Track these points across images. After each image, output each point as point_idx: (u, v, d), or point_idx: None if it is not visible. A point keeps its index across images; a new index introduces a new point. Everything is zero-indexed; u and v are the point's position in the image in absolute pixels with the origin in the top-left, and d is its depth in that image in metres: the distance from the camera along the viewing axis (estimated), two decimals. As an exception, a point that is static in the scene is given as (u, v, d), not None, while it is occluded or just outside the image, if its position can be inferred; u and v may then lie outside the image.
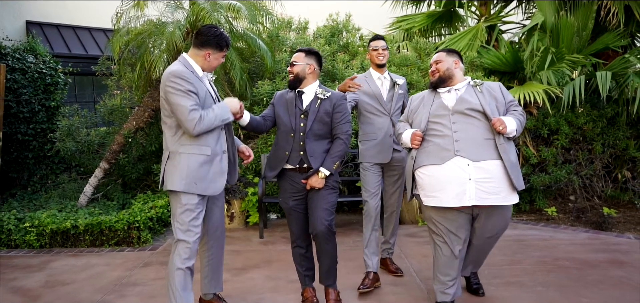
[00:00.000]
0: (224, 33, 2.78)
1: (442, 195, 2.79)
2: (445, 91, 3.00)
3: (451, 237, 2.93)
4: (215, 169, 2.73)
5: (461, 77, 3.04)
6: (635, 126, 5.62)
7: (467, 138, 2.81)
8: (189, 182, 2.64)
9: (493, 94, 2.98)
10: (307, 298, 3.12)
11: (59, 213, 4.89)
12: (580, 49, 5.81)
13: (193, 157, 2.65)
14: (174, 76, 2.58)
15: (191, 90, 2.58)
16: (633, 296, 3.27)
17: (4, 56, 6.11)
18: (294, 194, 3.03)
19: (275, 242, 4.79)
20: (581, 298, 3.24)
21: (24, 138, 6.19)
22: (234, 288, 3.58)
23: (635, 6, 5.59)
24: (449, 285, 2.97)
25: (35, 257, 4.41)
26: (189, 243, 2.67)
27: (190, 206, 2.66)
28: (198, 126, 2.57)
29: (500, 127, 2.76)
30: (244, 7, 5.38)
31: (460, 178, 2.75)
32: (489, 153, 2.78)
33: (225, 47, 2.80)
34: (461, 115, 2.88)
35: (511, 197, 2.80)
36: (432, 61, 3.10)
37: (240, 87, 5.53)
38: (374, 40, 3.65)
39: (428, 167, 2.86)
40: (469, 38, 6.31)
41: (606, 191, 5.71)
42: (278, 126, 3.09)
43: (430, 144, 2.91)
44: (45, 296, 3.49)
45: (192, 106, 2.56)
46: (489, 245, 3.13)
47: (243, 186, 5.43)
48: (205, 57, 2.73)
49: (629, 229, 5.01)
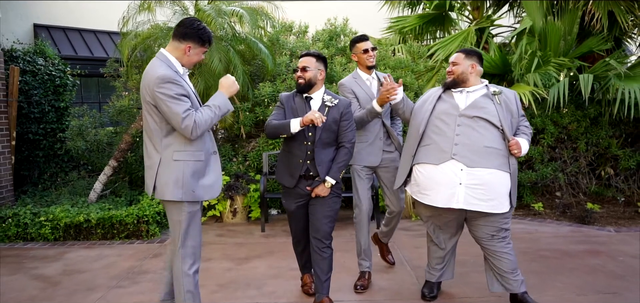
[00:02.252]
0: (207, 28, 2.64)
1: (433, 195, 2.91)
2: (458, 91, 3.03)
3: (438, 232, 3.17)
4: (212, 173, 2.65)
5: (476, 81, 3.04)
6: (617, 126, 5.91)
7: (467, 143, 2.85)
8: (186, 191, 2.54)
9: (510, 108, 2.98)
10: (307, 283, 3.40)
11: (71, 208, 5.18)
12: (566, 53, 6.09)
13: (188, 164, 2.55)
14: (162, 81, 2.45)
15: (182, 93, 2.49)
16: (604, 281, 3.57)
17: (15, 59, 6.37)
18: (297, 199, 3.05)
19: (276, 235, 5.07)
20: (557, 283, 3.54)
21: (34, 137, 6.46)
22: (238, 276, 3.86)
23: (618, 12, 5.87)
24: (436, 269, 3.27)
25: (51, 249, 4.69)
26: (192, 249, 2.62)
27: (192, 212, 2.60)
28: (195, 131, 2.48)
29: (516, 151, 2.86)
30: (246, 13, 5.68)
31: (451, 181, 2.84)
32: (485, 161, 2.81)
33: (207, 43, 2.63)
34: (468, 119, 2.91)
35: (500, 206, 2.84)
36: (450, 60, 3.10)
37: (243, 89, 5.81)
38: (360, 41, 3.50)
39: (424, 165, 2.96)
40: (459, 41, 6.59)
41: (590, 188, 6.01)
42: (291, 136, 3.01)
43: (431, 142, 2.97)
44: (64, 282, 3.78)
45: (185, 112, 2.45)
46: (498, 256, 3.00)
47: (245, 183, 5.71)
48: (186, 51, 2.58)
49: (610, 223, 5.31)
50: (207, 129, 2.56)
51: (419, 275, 3.73)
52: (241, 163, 6.09)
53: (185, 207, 2.56)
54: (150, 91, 2.48)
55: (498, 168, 2.82)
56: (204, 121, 2.51)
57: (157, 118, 2.52)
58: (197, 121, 2.48)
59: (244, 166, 6.05)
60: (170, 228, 2.66)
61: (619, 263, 3.93)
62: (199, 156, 2.57)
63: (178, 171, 2.53)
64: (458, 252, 3.55)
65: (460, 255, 4.28)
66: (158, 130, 2.53)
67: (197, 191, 2.57)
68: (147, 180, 2.64)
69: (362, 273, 3.58)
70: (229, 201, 5.61)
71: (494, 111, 2.91)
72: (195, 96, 2.65)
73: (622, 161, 5.80)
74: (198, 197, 2.58)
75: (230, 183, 5.62)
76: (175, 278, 2.64)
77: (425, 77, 6.44)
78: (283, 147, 3.12)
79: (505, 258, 2.99)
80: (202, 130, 2.51)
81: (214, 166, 2.68)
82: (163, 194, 2.56)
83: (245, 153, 6.13)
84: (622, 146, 5.93)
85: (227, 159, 6.14)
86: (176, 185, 2.52)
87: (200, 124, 2.49)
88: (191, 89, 2.63)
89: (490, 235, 2.99)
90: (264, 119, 6.09)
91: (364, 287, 3.50)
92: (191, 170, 2.55)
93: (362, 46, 3.46)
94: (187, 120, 2.45)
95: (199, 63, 5.61)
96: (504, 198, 2.85)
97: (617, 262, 3.96)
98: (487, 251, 3.06)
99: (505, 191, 2.86)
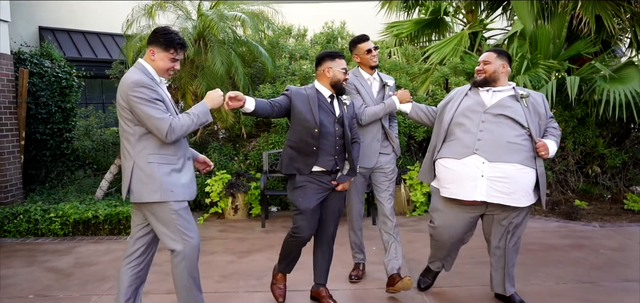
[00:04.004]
0: (173, 33, 2.65)
1: (454, 188, 2.93)
2: (484, 90, 3.04)
3: (450, 229, 3.08)
4: (186, 176, 2.66)
5: (505, 81, 3.06)
6: (604, 126, 6.15)
7: (489, 138, 2.87)
8: (164, 191, 2.55)
9: (538, 110, 3.00)
10: (280, 280, 3.31)
11: (80, 204, 5.40)
12: (555, 55, 6.32)
13: (162, 167, 2.57)
14: (137, 85, 2.49)
15: (156, 98, 2.52)
16: (584, 271, 3.81)
17: (23, 61, 6.59)
18: (319, 195, 3.07)
19: (275, 231, 5.30)
20: (540, 273, 3.77)
21: (42, 137, 6.68)
22: (239, 267, 4.09)
23: (605, 16, 6.10)
24: (439, 259, 3.33)
25: (61, 244, 4.92)
26: (187, 250, 2.61)
27: (180, 208, 2.59)
28: (170, 134, 2.51)
29: (543, 152, 2.88)
30: (247, 17, 5.90)
31: (473, 173, 2.85)
32: (507, 156, 2.82)
33: (172, 48, 2.61)
34: (493, 116, 2.93)
35: (524, 201, 2.87)
36: (481, 59, 3.09)
37: (244, 90, 6.04)
38: (362, 41, 3.46)
39: (447, 159, 2.98)
40: (454, 44, 6.83)
41: (579, 186, 6.24)
42: (298, 122, 3.03)
43: (454, 138, 3.00)
44: (76, 274, 4.00)
45: (160, 114, 2.50)
46: (511, 252, 3.11)
47: (246, 181, 5.93)
48: (150, 55, 2.62)
49: (596, 219, 5.54)
50: (183, 135, 2.59)
51: (412, 267, 3.96)
52: (242, 162, 6.32)
53: (171, 205, 2.56)
54: (125, 95, 2.52)
55: (520, 163, 2.83)
56: (180, 126, 2.55)
57: (130, 122, 2.55)
58: (174, 125, 2.52)
59: (245, 164, 6.29)
60: (158, 233, 2.65)
61: (599, 256, 4.17)
62: (173, 160, 2.60)
63: (153, 174, 2.54)
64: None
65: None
66: (132, 134, 2.56)
67: (175, 189, 2.57)
68: (122, 183, 2.65)
69: (356, 265, 3.78)
70: (230, 199, 5.83)
71: (520, 111, 2.93)
72: (172, 104, 2.68)
73: (609, 160, 6.03)
74: (177, 196, 2.58)
75: (231, 181, 5.84)
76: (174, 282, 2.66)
77: (420, 79, 6.67)
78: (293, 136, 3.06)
79: (514, 256, 3.12)
80: (177, 135, 2.54)
81: (188, 170, 2.69)
82: (140, 197, 2.56)
83: (246, 152, 6.36)
84: (608, 145, 6.16)
85: (229, 158, 6.36)
86: (153, 188, 2.54)
87: (176, 128, 2.53)
88: (167, 97, 2.66)
89: (505, 230, 3.04)
90: (263, 120, 6.32)
91: (358, 277, 3.70)
92: (165, 172, 2.57)
93: (364, 47, 3.44)
94: (163, 123, 2.49)
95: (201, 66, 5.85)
96: (525, 192, 2.87)
97: (598, 255, 4.20)
98: (497, 251, 3.12)
99: (527, 186, 2.87)
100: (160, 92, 2.58)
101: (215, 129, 7.01)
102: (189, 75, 5.89)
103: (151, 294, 3.49)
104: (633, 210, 5.74)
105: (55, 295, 3.57)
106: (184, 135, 2.59)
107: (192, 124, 2.59)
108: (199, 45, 5.89)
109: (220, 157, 6.30)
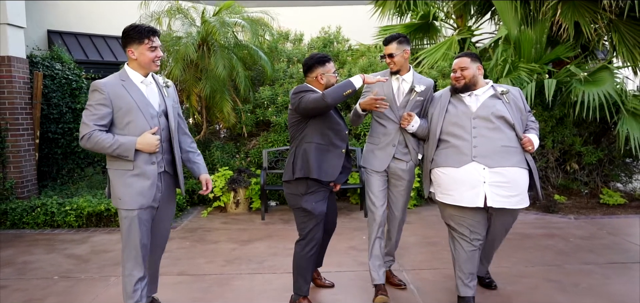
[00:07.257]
0: (143, 25, 2.69)
1: (457, 194, 2.92)
2: (466, 95, 3.07)
3: (472, 234, 2.98)
4: (142, 184, 2.65)
5: (482, 82, 3.11)
6: (581, 125, 6.57)
7: (485, 144, 2.91)
8: (114, 197, 2.65)
9: (518, 105, 3.06)
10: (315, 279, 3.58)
11: (93, 198, 5.81)
12: (537, 59, 6.74)
13: (117, 173, 2.64)
14: (92, 87, 2.59)
15: (100, 103, 2.56)
16: (551, 256, 4.23)
17: (35, 64, 6.99)
18: (326, 197, 3.10)
19: (274, 223, 5.71)
20: (511, 258, 4.19)
21: (53, 136, 7.08)
22: (241, 254, 4.50)
23: (583, 23, 6.52)
24: (471, 279, 3.04)
25: (77, 234, 5.33)
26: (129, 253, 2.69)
27: (128, 218, 2.64)
28: (83, 141, 2.56)
29: (529, 147, 2.98)
30: (247, 23, 6.32)
31: (475, 180, 2.87)
32: (505, 160, 2.88)
33: (145, 38, 2.64)
34: (483, 120, 2.97)
35: (523, 202, 2.93)
36: (456, 66, 3.07)
37: (244, 92, 6.46)
38: (385, 43, 3.29)
39: (445, 168, 3.00)
40: (444, 49, 7.25)
41: (558, 181, 6.66)
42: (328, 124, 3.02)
43: (448, 147, 3.02)
44: (94, 259, 4.42)
45: (87, 120, 2.55)
46: (498, 240, 3.30)
47: (247, 177, 6.35)
48: (130, 55, 2.66)
49: (572, 212, 5.96)
50: (95, 150, 2.59)
51: (406, 268, 4.37)
52: (243, 159, 6.74)
53: (121, 213, 2.66)
54: None
55: (517, 165, 2.91)
56: (96, 142, 2.55)
57: None
58: (91, 136, 2.55)
59: (246, 162, 6.71)
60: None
61: (568, 243, 4.59)
62: (128, 166, 2.62)
63: (112, 179, 2.67)
64: (430, 234, 4.14)
65: (431, 236, 4.95)
66: None
67: (124, 198, 2.61)
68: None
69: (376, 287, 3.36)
70: (232, 193, 6.24)
71: (504, 110, 2.98)
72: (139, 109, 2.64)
73: (586, 157, 6.46)
74: (124, 205, 2.62)
75: (233, 177, 6.26)
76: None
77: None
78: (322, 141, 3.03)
79: (498, 245, 3.35)
80: (88, 147, 2.57)
81: (148, 179, 2.67)
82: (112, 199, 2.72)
83: (247, 150, 6.79)
84: (585, 143, 6.59)
85: (230, 156, 6.78)
86: (112, 193, 2.67)
87: (91, 140, 2.55)
88: (135, 100, 2.63)
89: (506, 229, 3.20)
90: (263, 120, 6.74)
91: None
92: (119, 179, 2.63)
93: (384, 50, 3.29)
94: (83, 128, 2.56)
95: (205, 69, 6.26)
96: (525, 193, 2.95)
97: (567, 242, 4.62)
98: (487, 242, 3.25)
99: (525, 186, 2.95)
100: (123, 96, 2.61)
101: (217, 128, 7.44)
102: (193, 78, 6.30)
103: (164, 276, 3.88)
104: (608, 203, 6.16)
105: (77, 276, 3.98)
106: (96, 151, 2.59)
107: (110, 148, 2.57)
108: (202, 49, 6.31)
109: (222, 154, 6.72)
